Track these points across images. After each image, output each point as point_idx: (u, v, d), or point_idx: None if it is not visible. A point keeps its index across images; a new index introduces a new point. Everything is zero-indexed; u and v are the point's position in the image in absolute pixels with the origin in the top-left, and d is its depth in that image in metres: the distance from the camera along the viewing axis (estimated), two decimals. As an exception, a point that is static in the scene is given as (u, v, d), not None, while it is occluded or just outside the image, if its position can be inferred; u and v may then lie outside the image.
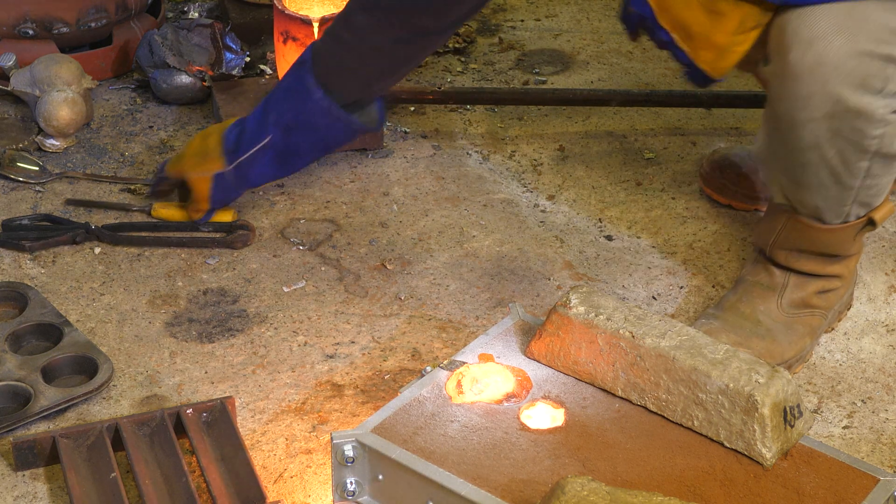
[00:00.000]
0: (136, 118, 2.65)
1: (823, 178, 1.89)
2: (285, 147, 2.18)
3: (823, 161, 1.86)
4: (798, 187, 1.93)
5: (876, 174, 1.89)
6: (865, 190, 1.91)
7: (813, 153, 1.86)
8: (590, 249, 2.30)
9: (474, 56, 2.91)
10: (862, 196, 1.92)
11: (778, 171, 1.95)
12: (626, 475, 1.62)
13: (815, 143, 1.84)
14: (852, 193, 1.91)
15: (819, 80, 1.78)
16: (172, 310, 2.14)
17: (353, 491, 1.69)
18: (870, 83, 1.78)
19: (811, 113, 1.81)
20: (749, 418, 1.63)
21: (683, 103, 2.63)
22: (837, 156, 1.85)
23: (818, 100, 1.80)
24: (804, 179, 1.91)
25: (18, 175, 2.44)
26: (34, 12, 2.67)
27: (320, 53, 2.12)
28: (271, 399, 1.96)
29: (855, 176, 1.88)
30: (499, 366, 1.78)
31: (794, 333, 2.02)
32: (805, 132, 1.84)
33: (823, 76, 1.78)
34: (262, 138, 2.18)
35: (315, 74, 2.11)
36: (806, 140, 1.84)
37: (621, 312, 1.74)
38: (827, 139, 1.83)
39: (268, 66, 2.76)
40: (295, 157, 2.21)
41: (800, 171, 1.90)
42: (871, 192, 1.92)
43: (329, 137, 2.18)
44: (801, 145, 1.86)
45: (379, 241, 2.31)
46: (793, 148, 1.87)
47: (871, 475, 1.63)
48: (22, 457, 1.82)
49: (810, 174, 1.89)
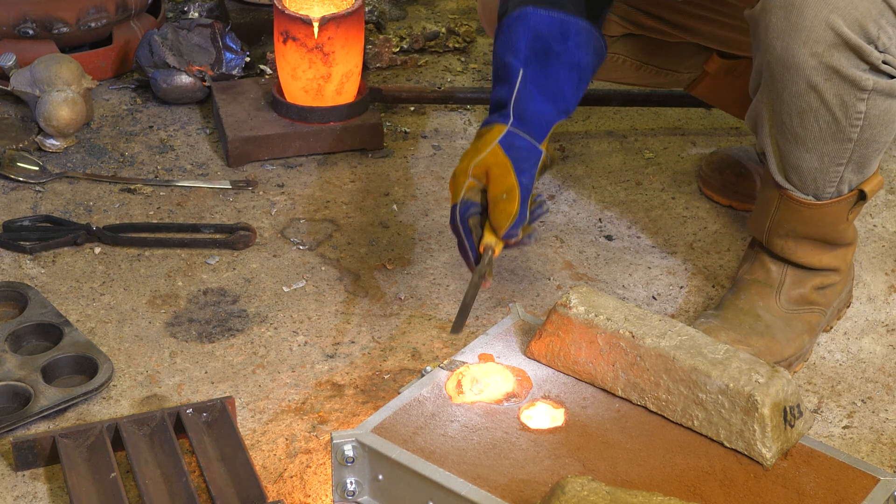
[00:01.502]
0: (136, 118, 2.65)
1: (822, 127, 1.87)
2: (543, 76, 1.94)
3: (822, 104, 1.85)
4: (795, 145, 1.91)
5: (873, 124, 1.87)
6: (861, 147, 1.90)
7: (811, 95, 1.84)
8: (590, 249, 2.30)
9: (474, 56, 2.91)
10: (857, 154, 1.91)
11: (774, 129, 1.92)
12: (626, 475, 1.62)
13: (813, 84, 1.83)
14: (849, 148, 1.90)
15: (825, 9, 1.78)
16: (172, 310, 2.14)
17: (353, 491, 1.69)
18: (867, 26, 1.79)
19: (812, 47, 1.80)
20: (749, 418, 1.63)
21: (683, 103, 2.63)
22: (836, 97, 1.84)
23: (819, 31, 1.79)
24: (802, 132, 1.89)
25: (18, 175, 2.44)
26: (34, 12, 2.67)
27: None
28: (271, 399, 1.96)
29: (854, 124, 1.87)
30: (499, 366, 1.78)
31: (793, 331, 2.02)
32: (803, 70, 1.82)
33: (830, 5, 1.78)
34: (516, 77, 1.93)
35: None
36: (803, 80, 1.83)
37: (621, 312, 1.74)
38: (825, 77, 1.82)
39: (268, 66, 2.76)
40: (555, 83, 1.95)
41: (797, 122, 1.88)
42: (867, 149, 1.90)
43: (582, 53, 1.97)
44: (799, 88, 1.84)
45: (379, 241, 2.31)
46: (790, 93, 1.85)
47: (871, 475, 1.63)
48: (22, 457, 1.82)
49: (809, 122, 1.87)
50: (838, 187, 1.94)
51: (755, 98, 1.93)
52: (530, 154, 1.91)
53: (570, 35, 1.93)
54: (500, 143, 1.90)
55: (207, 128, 2.62)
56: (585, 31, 1.94)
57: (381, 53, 2.84)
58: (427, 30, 2.96)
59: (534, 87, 1.91)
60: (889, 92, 1.85)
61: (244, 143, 2.50)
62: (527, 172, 1.90)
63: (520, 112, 1.91)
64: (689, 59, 2.28)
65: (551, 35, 1.93)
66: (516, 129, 1.90)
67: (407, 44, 2.91)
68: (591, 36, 1.95)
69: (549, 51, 1.92)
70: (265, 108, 2.57)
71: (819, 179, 1.93)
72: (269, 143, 2.51)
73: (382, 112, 2.68)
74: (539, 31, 1.92)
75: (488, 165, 1.89)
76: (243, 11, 2.88)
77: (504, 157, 1.89)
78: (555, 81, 1.93)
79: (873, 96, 1.84)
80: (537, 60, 1.92)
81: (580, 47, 1.94)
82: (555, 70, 1.92)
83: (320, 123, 2.53)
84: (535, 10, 1.93)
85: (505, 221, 1.88)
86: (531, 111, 1.91)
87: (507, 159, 1.89)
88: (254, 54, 2.81)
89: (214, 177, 2.48)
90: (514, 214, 1.88)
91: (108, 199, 2.41)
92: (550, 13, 1.93)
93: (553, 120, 1.94)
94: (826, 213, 1.97)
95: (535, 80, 1.92)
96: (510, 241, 1.90)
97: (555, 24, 1.92)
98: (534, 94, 1.92)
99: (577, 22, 1.93)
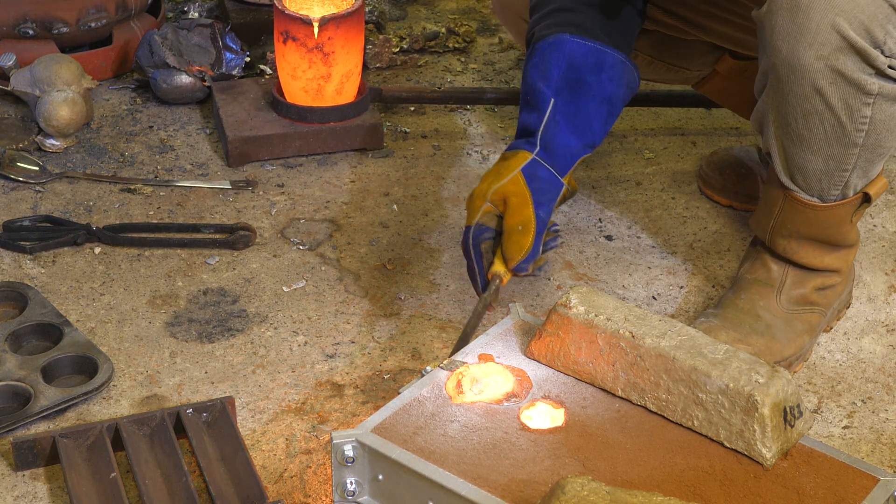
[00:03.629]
0: (136, 118, 2.65)
1: (828, 130, 1.86)
2: (574, 108, 1.92)
3: (828, 107, 1.84)
4: (800, 147, 1.90)
5: (879, 129, 1.87)
6: (867, 151, 1.90)
7: (816, 99, 1.84)
8: (590, 249, 2.30)
9: (474, 56, 2.91)
10: (863, 160, 1.90)
11: (779, 131, 1.92)
12: (626, 475, 1.62)
13: (818, 87, 1.83)
14: (855, 153, 1.89)
15: (830, 12, 1.78)
16: (172, 310, 2.14)
17: (353, 491, 1.69)
18: (873, 30, 1.78)
19: (817, 50, 1.80)
20: (749, 418, 1.63)
21: (683, 103, 2.63)
22: (841, 101, 1.84)
23: (825, 34, 1.79)
24: (807, 134, 1.88)
25: (18, 175, 2.44)
26: (34, 12, 2.67)
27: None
28: (271, 399, 1.96)
29: (859, 129, 1.87)
30: (499, 366, 1.78)
31: (793, 331, 2.02)
32: (808, 73, 1.81)
33: (835, 8, 1.77)
34: (547, 105, 1.91)
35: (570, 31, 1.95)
36: (808, 83, 1.82)
37: (621, 312, 1.74)
38: (830, 81, 1.82)
39: (268, 66, 2.76)
40: (584, 115, 1.93)
41: (803, 124, 1.87)
42: (873, 153, 1.90)
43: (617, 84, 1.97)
44: (804, 90, 1.84)
45: (379, 241, 2.31)
46: (796, 96, 1.85)
47: (871, 475, 1.63)
48: (22, 457, 1.82)
49: (814, 124, 1.86)
50: (843, 190, 1.94)
51: (761, 99, 1.93)
52: (551, 187, 1.90)
53: (605, 67, 1.93)
54: (522, 172, 1.89)
55: (207, 128, 2.62)
56: (620, 65, 1.94)
57: (381, 53, 2.84)
58: (427, 30, 2.96)
59: (563, 119, 1.91)
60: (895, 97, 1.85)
61: (244, 143, 2.50)
62: (545, 206, 1.89)
63: (546, 142, 1.90)
64: (701, 58, 2.28)
65: (586, 66, 1.92)
66: (541, 160, 1.90)
67: (407, 44, 2.91)
68: (626, 69, 1.95)
69: (581, 82, 1.92)
70: (265, 108, 2.57)
71: (824, 181, 1.93)
72: (269, 143, 2.51)
73: (382, 112, 2.69)
74: (574, 60, 1.91)
75: (508, 193, 1.88)
76: (243, 11, 2.88)
77: (524, 188, 1.88)
78: (585, 114, 1.92)
79: (879, 101, 1.84)
80: (569, 90, 1.91)
81: (613, 80, 1.93)
82: (585, 102, 1.92)
83: (320, 123, 2.53)
84: (571, 38, 1.92)
85: (518, 254, 1.87)
86: (558, 143, 1.91)
87: (528, 190, 1.88)
88: (254, 54, 2.81)
89: (214, 177, 2.48)
90: (528, 248, 1.87)
91: (108, 199, 2.41)
92: (587, 42, 1.92)
93: (578, 154, 1.93)
94: (830, 214, 1.97)
95: (565, 112, 1.91)
96: (520, 273, 1.89)
97: (590, 54, 1.92)
98: (562, 126, 1.91)
99: (614, 54, 1.93)
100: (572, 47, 1.92)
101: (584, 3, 1.97)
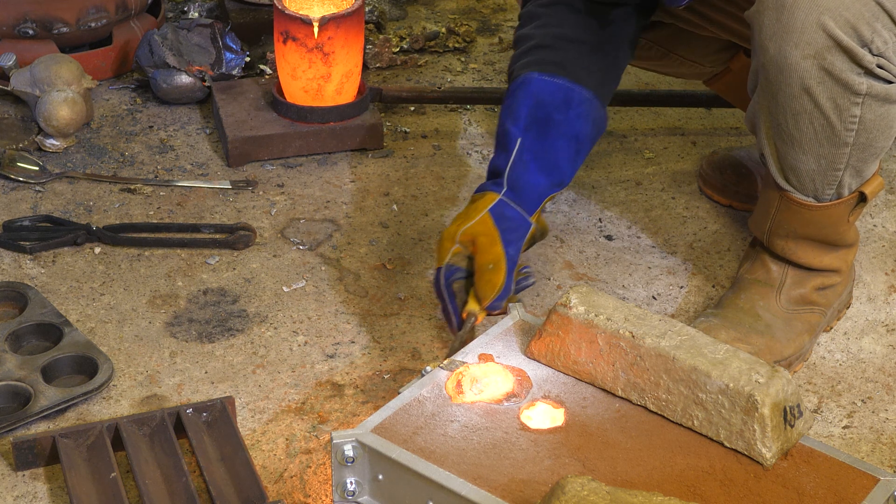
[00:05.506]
0: (136, 118, 2.65)
1: (817, 129, 1.86)
2: (540, 147, 1.95)
3: (816, 107, 1.84)
4: (792, 147, 1.90)
5: (869, 128, 1.87)
6: (859, 151, 1.89)
7: (804, 98, 1.84)
8: (590, 249, 2.30)
9: (474, 56, 2.91)
10: (855, 159, 1.90)
11: (771, 131, 1.92)
12: (626, 475, 1.62)
13: (806, 86, 1.82)
14: (846, 153, 1.89)
15: (815, 11, 1.77)
16: (172, 310, 2.14)
17: (353, 491, 1.69)
18: (860, 29, 1.78)
19: (803, 49, 1.80)
20: (749, 418, 1.63)
21: (683, 103, 2.63)
22: (829, 101, 1.83)
23: (811, 33, 1.78)
24: (797, 134, 1.88)
25: (18, 175, 2.44)
26: (34, 12, 2.67)
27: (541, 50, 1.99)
28: (271, 399, 1.96)
29: (848, 128, 1.86)
30: (499, 366, 1.78)
31: (793, 330, 2.02)
32: (796, 72, 1.81)
33: (820, 6, 1.77)
34: (514, 145, 1.94)
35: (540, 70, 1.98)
36: (797, 82, 1.82)
37: (621, 312, 1.74)
38: (818, 80, 1.81)
39: (268, 66, 2.76)
40: (552, 154, 1.96)
41: (793, 124, 1.87)
42: (864, 153, 1.90)
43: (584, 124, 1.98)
44: (793, 90, 1.84)
45: (379, 241, 2.31)
46: (785, 95, 1.85)
47: (871, 475, 1.63)
48: (22, 457, 1.82)
49: (804, 124, 1.86)
50: (838, 190, 1.94)
51: (753, 99, 1.93)
52: (519, 226, 1.93)
53: (572, 104, 1.95)
54: (490, 212, 1.92)
55: (207, 128, 2.62)
56: (587, 102, 1.97)
57: (381, 53, 2.84)
58: (427, 30, 2.96)
59: (530, 157, 1.93)
60: (885, 97, 1.84)
61: (244, 143, 2.50)
62: (514, 244, 1.91)
63: (513, 182, 1.93)
64: (715, 54, 2.28)
65: (553, 104, 1.95)
66: (508, 200, 1.93)
67: (407, 44, 2.91)
68: (593, 106, 1.97)
69: (549, 120, 1.94)
70: (265, 108, 2.57)
71: (817, 181, 1.93)
72: (269, 143, 2.51)
73: (382, 112, 2.69)
74: (541, 98, 1.94)
75: (476, 234, 1.90)
76: (243, 11, 2.88)
77: (493, 227, 1.91)
78: (552, 152, 1.95)
79: (868, 101, 1.83)
80: (536, 128, 1.94)
81: (581, 118, 1.96)
82: (553, 141, 1.95)
83: (320, 123, 2.53)
84: (539, 76, 1.95)
85: (490, 292, 1.89)
86: (525, 182, 1.94)
87: (496, 229, 1.91)
88: (254, 54, 2.81)
89: (214, 177, 2.48)
90: (500, 286, 1.89)
91: (108, 199, 2.41)
92: (555, 80, 1.95)
93: (546, 193, 1.96)
94: (826, 214, 1.97)
95: (532, 149, 1.94)
96: (493, 312, 1.91)
97: (558, 91, 1.95)
98: (529, 165, 1.94)
99: (581, 91, 1.96)
100: (539, 85, 1.95)
101: (565, 39, 2.01)
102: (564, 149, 1.96)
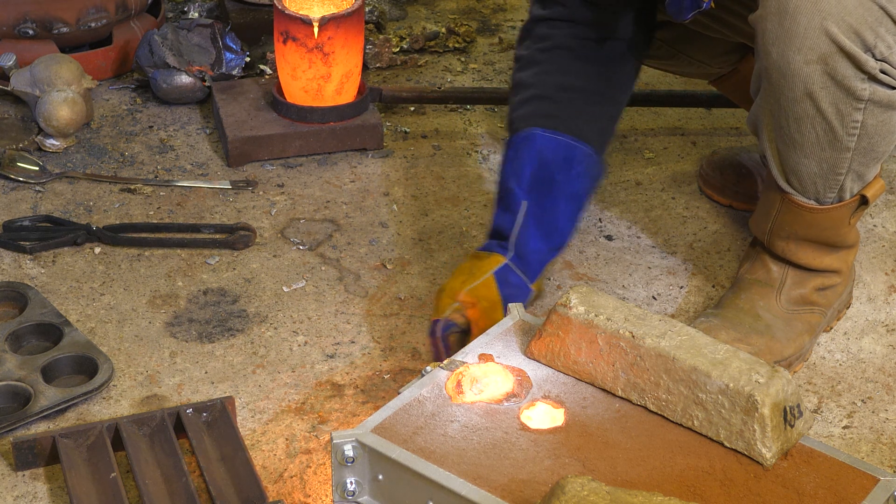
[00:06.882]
0: (136, 118, 2.65)
1: (819, 134, 1.86)
2: (542, 210, 1.98)
3: (818, 112, 1.84)
4: (794, 150, 1.90)
5: (871, 134, 1.87)
6: (860, 155, 1.89)
7: (807, 103, 1.84)
8: (590, 249, 2.30)
9: (474, 56, 2.91)
10: (857, 163, 1.90)
11: (773, 134, 1.92)
12: (626, 475, 1.62)
13: (808, 91, 1.82)
14: (848, 157, 1.89)
15: (817, 16, 1.77)
16: (172, 310, 2.14)
17: (353, 491, 1.69)
18: (864, 34, 1.77)
19: (806, 55, 1.79)
20: (749, 418, 1.63)
21: (683, 103, 2.63)
22: (832, 106, 1.83)
23: (813, 38, 1.78)
24: (800, 138, 1.88)
25: (18, 175, 2.44)
26: (34, 12, 2.67)
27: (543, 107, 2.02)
28: (271, 399, 1.96)
29: (850, 133, 1.86)
30: (499, 366, 1.78)
31: (793, 330, 2.02)
32: (799, 77, 1.81)
33: (822, 11, 1.77)
34: (519, 207, 1.98)
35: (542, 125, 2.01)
36: (799, 87, 1.82)
37: (621, 312, 1.74)
38: (821, 86, 1.81)
39: (268, 66, 2.76)
40: (552, 215, 1.99)
41: (794, 128, 1.87)
42: (866, 157, 1.90)
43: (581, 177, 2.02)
44: (795, 95, 1.83)
45: (379, 241, 2.31)
46: (787, 100, 1.85)
47: (871, 475, 1.63)
48: (22, 457, 1.82)
49: (806, 129, 1.86)
50: (839, 193, 1.94)
51: (755, 102, 1.93)
52: (521, 293, 1.96)
53: (573, 163, 1.99)
54: (495, 276, 1.95)
55: (207, 128, 2.62)
56: (588, 159, 2.00)
57: (381, 53, 2.84)
58: (427, 30, 2.96)
59: (533, 222, 1.97)
60: (888, 103, 1.84)
61: (244, 143, 2.50)
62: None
63: (520, 249, 1.97)
64: (724, 56, 2.28)
65: (556, 163, 1.98)
66: (513, 265, 1.96)
67: (407, 44, 2.91)
68: (593, 162, 2.01)
69: (552, 181, 1.97)
70: (265, 108, 2.57)
71: (819, 184, 1.93)
72: (269, 143, 2.51)
73: (382, 112, 2.69)
74: (544, 156, 1.98)
75: (479, 297, 1.93)
76: (243, 11, 2.88)
77: (496, 292, 1.93)
78: (552, 215, 1.98)
79: (870, 106, 1.83)
80: (539, 191, 1.97)
81: (581, 176, 2.00)
82: (553, 203, 1.98)
83: (320, 123, 2.53)
84: (542, 133, 1.98)
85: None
86: (529, 249, 1.97)
87: (499, 296, 1.93)
88: (254, 54, 2.81)
89: (214, 177, 2.48)
90: None
91: (108, 199, 2.41)
92: (556, 137, 1.98)
93: (547, 258, 2.00)
94: (828, 217, 1.97)
95: (535, 213, 1.97)
96: None
97: (560, 149, 1.98)
98: (531, 231, 1.96)
99: (583, 149, 1.99)
100: (543, 142, 1.98)
101: (565, 89, 2.03)
102: (564, 210, 2.00)
